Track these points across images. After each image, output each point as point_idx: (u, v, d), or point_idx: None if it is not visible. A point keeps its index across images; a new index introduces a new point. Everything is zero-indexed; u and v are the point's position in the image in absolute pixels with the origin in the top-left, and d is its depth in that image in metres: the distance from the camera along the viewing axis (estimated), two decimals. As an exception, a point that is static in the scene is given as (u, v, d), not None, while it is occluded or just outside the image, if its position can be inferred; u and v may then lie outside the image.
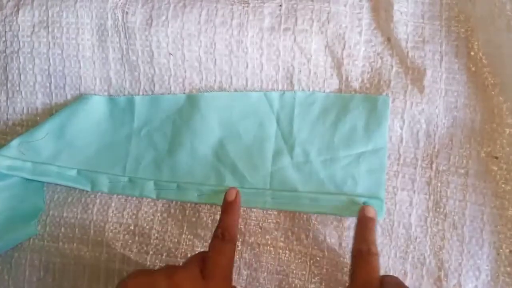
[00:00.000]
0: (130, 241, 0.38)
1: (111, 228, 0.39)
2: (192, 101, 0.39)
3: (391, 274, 0.36)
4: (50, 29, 0.40)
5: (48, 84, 0.41)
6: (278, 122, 0.39)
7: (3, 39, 0.40)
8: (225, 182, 0.38)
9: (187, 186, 0.38)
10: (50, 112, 0.41)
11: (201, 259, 0.31)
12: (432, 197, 0.37)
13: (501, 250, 0.35)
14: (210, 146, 0.39)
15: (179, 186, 0.38)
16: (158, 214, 0.39)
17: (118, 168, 0.39)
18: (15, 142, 0.38)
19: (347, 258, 0.36)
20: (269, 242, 0.37)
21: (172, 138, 0.39)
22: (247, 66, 0.39)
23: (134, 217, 0.39)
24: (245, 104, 0.39)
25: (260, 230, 0.38)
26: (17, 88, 0.41)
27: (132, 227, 0.38)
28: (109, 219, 0.39)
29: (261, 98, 0.39)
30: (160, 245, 0.38)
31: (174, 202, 0.39)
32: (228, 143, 0.39)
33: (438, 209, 0.37)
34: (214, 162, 0.39)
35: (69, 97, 0.41)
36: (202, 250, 0.38)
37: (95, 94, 0.40)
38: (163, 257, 0.38)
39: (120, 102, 0.40)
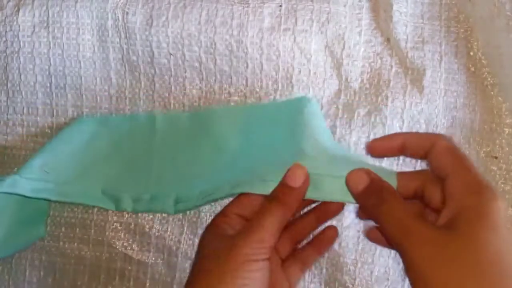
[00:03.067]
0: (130, 240, 0.38)
1: (112, 227, 0.39)
2: (209, 116, 0.39)
3: (390, 274, 0.36)
4: (50, 29, 0.40)
5: (48, 84, 0.41)
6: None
7: (4, 39, 0.40)
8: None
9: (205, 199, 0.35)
10: (51, 112, 0.41)
11: None
12: (431, 196, 0.37)
13: (500, 250, 0.36)
14: (226, 160, 0.37)
15: (198, 199, 0.35)
16: (159, 213, 0.39)
17: (140, 186, 0.38)
18: (36, 162, 0.36)
19: (347, 258, 0.37)
20: (269, 241, 0.37)
21: (192, 153, 0.38)
22: (247, 66, 0.39)
23: (134, 216, 0.39)
24: (263, 117, 0.38)
25: (260, 230, 0.38)
26: (18, 88, 0.41)
27: (132, 226, 0.39)
28: (110, 219, 0.39)
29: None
30: (161, 244, 0.38)
31: (174, 202, 0.39)
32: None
33: (437, 209, 0.37)
34: (228, 177, 0.35)
35: (69, 96, 0.41)
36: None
37: (115, 115, 0.40)
38: (164, 256, 0.38)
39: (140, 119, 0.39)
